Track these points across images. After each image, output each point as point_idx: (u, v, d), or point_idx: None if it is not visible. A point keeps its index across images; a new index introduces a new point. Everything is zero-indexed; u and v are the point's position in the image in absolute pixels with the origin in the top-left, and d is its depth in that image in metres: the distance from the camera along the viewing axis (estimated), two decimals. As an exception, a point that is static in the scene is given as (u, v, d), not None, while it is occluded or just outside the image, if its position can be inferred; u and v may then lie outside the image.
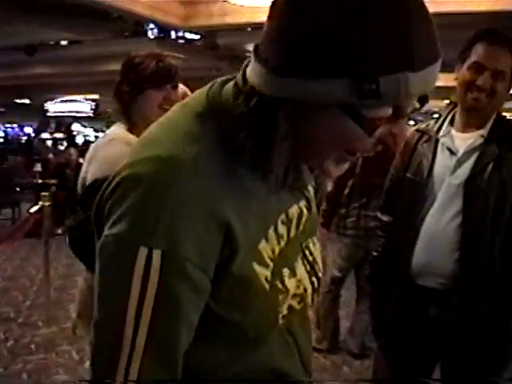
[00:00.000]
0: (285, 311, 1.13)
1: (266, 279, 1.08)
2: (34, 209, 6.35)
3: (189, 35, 15.40)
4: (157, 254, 0.94)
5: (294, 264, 1.17)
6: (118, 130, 2.45)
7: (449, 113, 2.68)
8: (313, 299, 1.25)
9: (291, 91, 0.96)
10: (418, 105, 1.03)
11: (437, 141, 2.62)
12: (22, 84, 21.87)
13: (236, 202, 1.03)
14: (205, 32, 14.38)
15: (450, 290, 2.48)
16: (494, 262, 2.44)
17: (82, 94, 25.91)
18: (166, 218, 0.95)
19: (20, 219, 9.61)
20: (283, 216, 1.15)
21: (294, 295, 1.16)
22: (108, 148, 2.34)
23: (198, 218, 0.97)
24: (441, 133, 2.63)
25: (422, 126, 2.78)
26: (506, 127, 2.58)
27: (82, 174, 2.42)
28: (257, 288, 1.07)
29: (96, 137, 29.91)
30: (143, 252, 0.95)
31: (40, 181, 11.49)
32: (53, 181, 11.41)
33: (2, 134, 34.99)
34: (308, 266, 1.22)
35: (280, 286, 1.12)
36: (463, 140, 2.57)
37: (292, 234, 1.18)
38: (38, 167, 12.48)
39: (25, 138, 31.52)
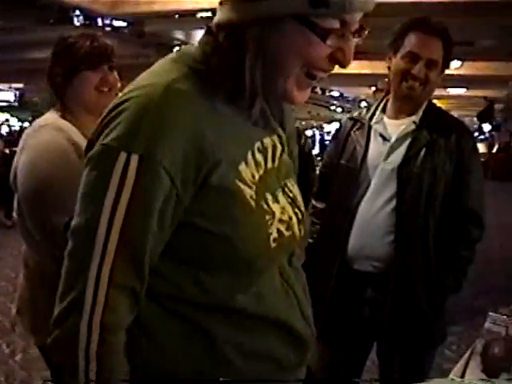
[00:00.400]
0: (275, 234, 1.21)
1: (251, 197, 1.18)
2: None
3: (116, 22, 15.20)
4: (134, 158, 1.05)
5: (275, 192, 1.26)
6: (49, 115, 2.37)
7: (381, 101, 2.74)
8: (300, 232, 1.32)
9: (255, 11, 1.12)
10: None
11: (370, 128, 2.67)
12: None
13: (214, 124, 1.14)
14: (132, 19, 14.24)
15: (385, 273, 2.54)
16: (428, 245, 2.51)
17: (6, 82, 25.33)
18: (147, 127, 1.07)
19: None
20: (259, 144, 1.25)
21: (281, 220, 1.24)
22: (37, 135, 2.27)
23: (177, 132, 1.08)
24: (373, 120, 2.68)
25: (355, 114, 2.83)
26: (436, 113, 2.66)
27: (14, 164, 2.35)
28: (243, 203, 1.16)
29: (21, 127, 29.32)
30: (123, 156, 1.05)
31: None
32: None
33: None
34: (289, 199, 1.30)
35: (265, 206, 1.21)
36: (396, 126, 2.62)
37: (269, 165, 1.27)
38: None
39: None
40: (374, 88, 4.56)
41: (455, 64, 17.19)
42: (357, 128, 2.71)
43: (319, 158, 10.47)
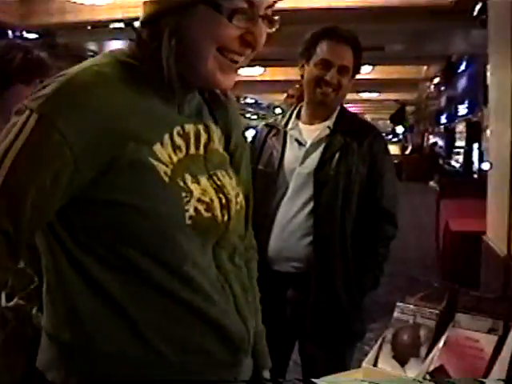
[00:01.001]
0: (192, 211, 1.21)
1: (165, 173, 1.19)
2: None
3: (26, 34, 14.88)
4: (34, 117, 1.11)
5: (197, 176, 1.26)
6: None
7: (295, 107, 2.84)
8: (223, 217, 1.30)
9: (167, 2, 1.19)
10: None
11: (285, 134, 2.76)
12: None
13: (130, 107, 1.18)
14: (43, 31, 13.99)
15: (305, 273, 2.63)
16: (346, 245, 2.62)
17: None
18: (57, 95, 1.12)
19: None
20: (179, 128, 1.26)
21: (200, 200, 1.24)
22: None
23: (87, 105, 1.13)
24: (289, 126, 2.78)
25: (270, 120, 2.94)
26: (349, 118, 2.78)
27: None
28: (155, 177, 1.18)
29: None
30: (26, 113, 1.12)
31: None
32: None
33: None
34: (215, 185, 1.30)
35: (182, 184, 1.21)
36: (310, 132, 2.73)
37: (191, 150, 1.28)
38: None
39: None
40: (285, 94, 4.68)
41: (367, 69, 17.60)
42: (273, 134, 2.80)
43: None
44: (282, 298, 2.69)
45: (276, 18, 1.27)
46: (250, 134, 3.02)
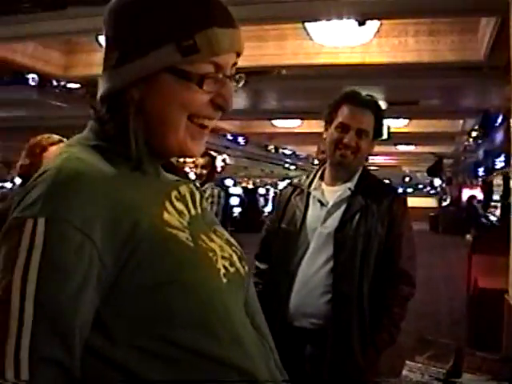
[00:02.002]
0: (223, 269, 1.18)
1: (188, 239, 1.14)
2: None
3: (69, 84, 15.28)
4: (41, 222, 1.00)
5: (208, 234, 1.24)
6: None
7: (319, 169, 2.97)
8: (244, 268, 1.29)
9: (129, 74, 1.16)
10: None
11: (308, 194, 2.88)
12: None
13: (120, 185, 1.12)
14: (85, 81, 14.36)
15: (322, 329, 2.71)
16: (363, 303, 2.69)
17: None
18: (51, 193, 1.04)
19: None
20: (175, 192, 1.23)
21: (223, 257, 1.21)
22: None
23: (85, 193, 1.05)
24: (312, 186, 2.90)
25: (295, 181, 3.05)
26: (370, 181, 2.89)
27: None
28: (181, 245, 1.13)
29: None
30: (29, 223, 1.01)
31: None
32: None
33: None
34: (224, 240, 1.29)
35: (204, 245, 1.18)
36: (332, 192, 2.84)
37: (193, 212, 1.25)
38: None
39: None
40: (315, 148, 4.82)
41: (402, 122, 17.73)
42: (297, 194, 2.93)
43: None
44: (302, 353, 2.77)
45: (241, 75, 1.27)
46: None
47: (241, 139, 24.46)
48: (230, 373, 1.13)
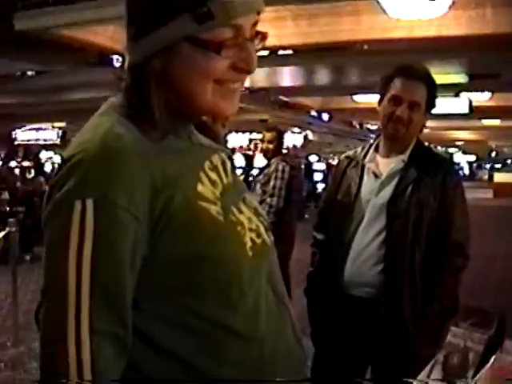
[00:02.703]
0: (249, 243, 1.23)
1: (218, 213, 1.19)
2: (1, 234, 6.53)
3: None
4: (89, 204, 1.04)
5: (238, 205, 1.28)
6: None
7: (374, 141, 3.01)
8: (270, 238, 1.34)
9: (149, 47, 1.17)
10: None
11: (363, 166, 2.94)
12: (-12, 114, 21.92)
13: (158, 158, 1.14)
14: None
15: (376, 299, 2.77)
16: (415, 274, 2.73)
17: (48, 122, 25.98)
18: (95, 173, 1.07)
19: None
20: (208, 163, 1.26)
21: (250, 229, 1.25)
22: None
23: (125, 171, 1.08)
24: (367, 159, 2.95)
25: (350, 153, 3.10)
26: (424, 153, 2.91)
27: None
28: (211, 221, 1.17)
29: (64, 164, 29.78)
30: (78, 205, 1.04)
31: (8, 208, 11.64)
32: (20, 208, 11.63)
33: (-31, 163, 34.88)
34: (252, 209, 1.32)
35: (234, 218, 1.22)
36: (386, 164, 2.89)
37: (225, 181, 1.28)
38: (6, 195, 12.60)
39: (-8, 166, 31.46)
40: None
41: (485, 96, 17.32)
42: (352, 166, 2.98)
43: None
44: (357, 321, 2.84)
45: (264, 31, 1.25)
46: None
47: (325, 115, 24.35)
48: (247, 344, 1.20)
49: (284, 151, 6.37)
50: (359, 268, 2.81)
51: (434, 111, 2.91)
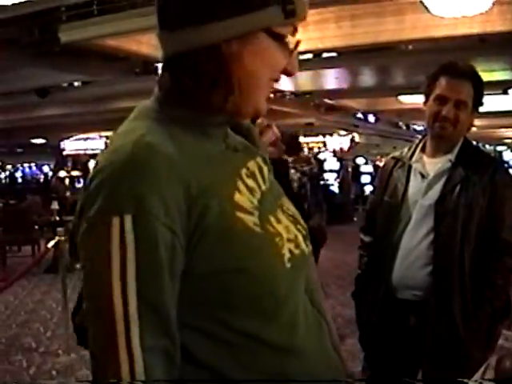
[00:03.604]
0: (288, 254, 1.19)
1: (255, 224, 1.15)
2: (51, 243, 6.62)
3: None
4: (128, 219, 1.02)
5: (275, 213, 1.24)
6: None
7: (420, 141, 2.96)
8: (308, 247, 1.30)
9: (227, 31, 1.13)
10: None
11: (410, 166, 2.88)
12: (37, 125, 22.30)
13: (193, 166, 1.11)
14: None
15: (425, 301, 2.71)
16: (464, 275, 2.67)
17: (96, 131, 26.33)
18: (130, 186, 1.03)
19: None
20: (245, 170, 1.23)
21: (289, 239, 1.22)
22: None
23: (160, 183, 1.05)
24: (413, 159, 2.90)
25: (396, 153, 3.06)
26: (471, 152, 2.85)
27: None
28: (248, 232, 1.13)
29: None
30: (116, 221, 1.02)
31: (57, 218, 11.81)
32: (70, 217, 11.78)
33: (21, 174, 35.59)
34: (290, 217, 1.29)
35: (272, 229, 1.19)
36: (433, 164, 2.83)
37: (263, 187, 1.25)
38: (55, 205, 12.77)
39: (42, 177, 32.02)
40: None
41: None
42: (398, 167, 2.94)
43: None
44: (406, 325, 2.79)
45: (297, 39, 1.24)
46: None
47: (371, 117, 24.20)
48: (283, 356, 1.17)
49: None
50: (407, 270, 2.77)
51: (481, 109, 2.85)
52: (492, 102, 15.05)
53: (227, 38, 1.13)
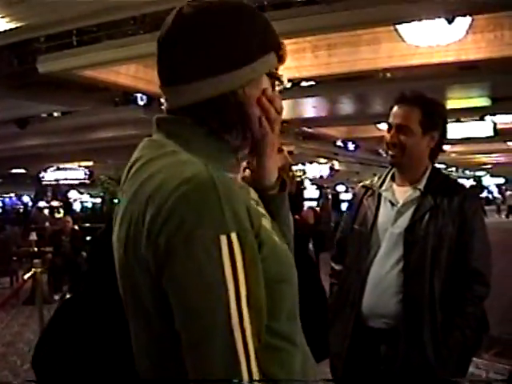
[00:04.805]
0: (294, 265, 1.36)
1: (281, 242, 1.32)
2: (27, 275, 6.59)
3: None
4: (234, 236, 1.13)
5: (278, 234, 1.37)
6: None
7: (390, 170, 2.98)
8: None
9: (242, 78, 1.31)
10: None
11: (379, 195, 2.90)
12: (16, 155, 22.23)
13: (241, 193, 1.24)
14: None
15: (396, 329, 2.71)
16: (435, 304, 2.67)
17: (75, 161, 26.30)
18: (226, 207, 1.14)
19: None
20: (254, 201, 1.37)
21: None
22: None
23: (241, 204, 1.18)
24: (383, 187, 2.92)
25: (367, 182, 3.07)
26: (440, 180, 2.86)
27: None
28: (281, 248, 1.30)
29: (93, 203, 30.24)
30: (224, 240, 1.12)
31: (36, 249, 11.75)
32: (48, 248, 11.73)
33: (0, 205, 35.36)
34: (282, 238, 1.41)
35: (285, 246, 1.35)
36: (402, 193, 2.85)
37: (265, 213, 1.38)
38: (34, 236, 12.71)
39: (22, 207, 31.87)
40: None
41: (509, 118, 17.19)
42: (368, 195, 2.95)
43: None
44: (377, 353, 2.78)
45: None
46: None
47: (350, 145, 24.37)
48: (301, 355, 1.31)
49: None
50: (378, 298, 2.76)
51: (459, 135, 2.90)
52: (469, 129, 15.22)
53: (240, 84, 1.31)
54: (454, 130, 14.78)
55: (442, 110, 2.90)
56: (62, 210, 25.01)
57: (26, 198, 34.95)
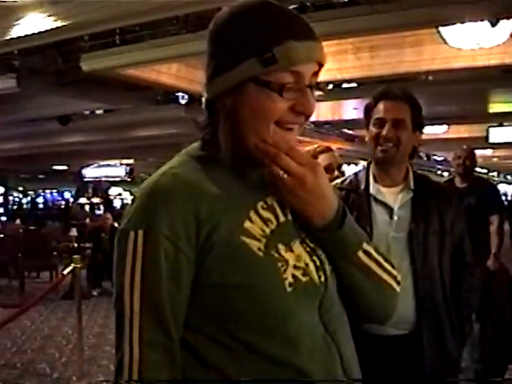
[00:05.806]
0: (290, 279, 1.28)
1: (259, 249, 1.27)
2: (67, 270, 6.66)
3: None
4: (140, 233, 1.23)
5: (289, 243, 1.33)
6: None
7: (367, 170, 2.86)
8: (320, 278, 1.34)
9: (221, 86, 1.31)
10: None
11: (368, 197, 2.78)
12: (59, 151, 22.54)
13: (211, 195, 1.28)
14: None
15: (411, 334, 2.64)
16: (448, 302, 2.66)
17: (116, 159, 26.55)
18: (147, 207, 1.25)
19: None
20: (262, 203, 1.34)
21: (296, 266, 1.30)
22: None
23: (173, 206, 1.23)
24: (371, 189, 2.79)
25: (343, 185, 2.90)
26: (425, 180, 2.83)
27: None
28: (250, 254, 1.26)
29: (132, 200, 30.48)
30: (132, 235, 1.23)
31: (75, 245, 11.89)
32: (88, 244, 11.88)
33: (42, 200, 35.91)
34: (308, 248, 1.36)
35: (276, 255, 1.28)
36: (394, 194, 2.76)
37: (281, 219, 1.35)
38: (74, 232, 12.85)
39: (63, 203, 32.28)
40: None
41: None
42: (353, 198, 2.81)
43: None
44: (389, 361, 2.67)
45: (322, 85, 1.41)
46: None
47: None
48: (283, 370, 1.26)
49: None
50: None
51: (502, 139, 2.86)
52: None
53: (223, 90, 1.31)
54: (497, 134, 14.71)
55: (421, 108, 2.85)
56: (102, 207, 25.31)
57: (67, 194, 35.41)
